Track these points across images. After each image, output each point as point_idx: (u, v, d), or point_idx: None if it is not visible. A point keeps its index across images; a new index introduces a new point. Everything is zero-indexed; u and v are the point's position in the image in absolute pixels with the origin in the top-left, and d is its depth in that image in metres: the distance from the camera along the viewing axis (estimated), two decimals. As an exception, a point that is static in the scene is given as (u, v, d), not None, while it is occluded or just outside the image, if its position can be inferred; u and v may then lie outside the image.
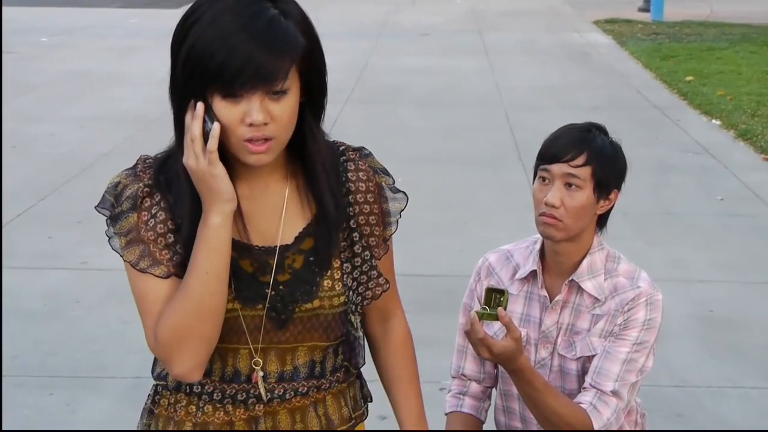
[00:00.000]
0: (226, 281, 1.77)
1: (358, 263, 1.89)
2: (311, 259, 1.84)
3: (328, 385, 1.92)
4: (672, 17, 18.01)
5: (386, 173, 1.93)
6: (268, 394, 1.87)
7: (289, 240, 1.83)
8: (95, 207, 1.86)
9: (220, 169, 1.72)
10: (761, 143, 8.92)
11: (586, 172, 2.38)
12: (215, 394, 1.88)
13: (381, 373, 2.06)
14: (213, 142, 1.70)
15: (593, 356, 2.43)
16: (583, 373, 2.46)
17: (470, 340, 2.30)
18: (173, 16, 1.82)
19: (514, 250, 2.60)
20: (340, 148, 1.91)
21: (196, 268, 1.75)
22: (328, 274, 1.85)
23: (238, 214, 1.80)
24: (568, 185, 2.38)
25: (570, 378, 2.48)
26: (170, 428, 1.92)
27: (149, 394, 1.99)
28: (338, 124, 9.28)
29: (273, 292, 1.82)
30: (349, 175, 1.87)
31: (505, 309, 2.24)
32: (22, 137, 9.02)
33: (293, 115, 1.74)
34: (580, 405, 2.39)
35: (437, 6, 20.03)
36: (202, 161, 1.71)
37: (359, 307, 1.93)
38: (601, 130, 2.47)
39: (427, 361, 2.42)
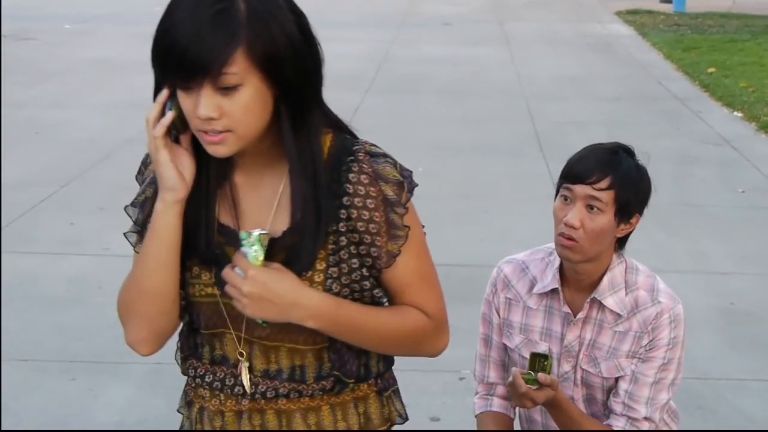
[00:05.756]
0: (167, 266, 1.79)
1: (346, 270, 1.78)
2: (292, 258, 1.77)
3: (311, 392, 1.86)
4: (694, 8, 17.92)
5: (397, 185, 1.77)
6: (253, 387, 1.86)
7: (277, 234, 1.77)
8: (135, 176, 1.92)
9: (162, 156, 1.73)
10: (783, 135, 8.89)
11: (609, 196, 2.34)
12: (207, 377, 1.91)
13: None
14: (159, 128, 1.72)
15: (621, 377, 2.45)
16: (608, 386, 2.48)
17: (513, 392, 2.38)
18: (197, 5, 1.82)
19: (529, 261, 2.56)
20: (354, 148, 1.78)
21: (140, 249, 1.83)
22: (308, 275, 1.76)
23: (230, 202, 1.82)
24: (590, 207, 2.34)
25: (595, 389, 2.50)
26: (185, 407, 2.01)
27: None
28: (359, 113, 9.29)
29: None
30: (351, 176, 1.75)
31: (548, 373, 2.34)
32: (45, 124, 9.09)
33: (249, 110, 1.66)
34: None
35: (459, -5, 20.01)
36: (151, 145, 1.74)
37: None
38: (627, 151, 2.43)
39: (446, 350, 2.42)
